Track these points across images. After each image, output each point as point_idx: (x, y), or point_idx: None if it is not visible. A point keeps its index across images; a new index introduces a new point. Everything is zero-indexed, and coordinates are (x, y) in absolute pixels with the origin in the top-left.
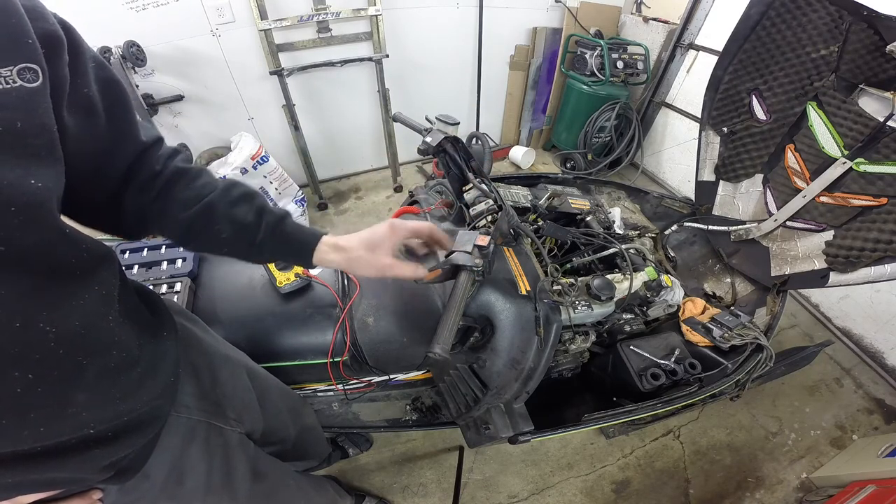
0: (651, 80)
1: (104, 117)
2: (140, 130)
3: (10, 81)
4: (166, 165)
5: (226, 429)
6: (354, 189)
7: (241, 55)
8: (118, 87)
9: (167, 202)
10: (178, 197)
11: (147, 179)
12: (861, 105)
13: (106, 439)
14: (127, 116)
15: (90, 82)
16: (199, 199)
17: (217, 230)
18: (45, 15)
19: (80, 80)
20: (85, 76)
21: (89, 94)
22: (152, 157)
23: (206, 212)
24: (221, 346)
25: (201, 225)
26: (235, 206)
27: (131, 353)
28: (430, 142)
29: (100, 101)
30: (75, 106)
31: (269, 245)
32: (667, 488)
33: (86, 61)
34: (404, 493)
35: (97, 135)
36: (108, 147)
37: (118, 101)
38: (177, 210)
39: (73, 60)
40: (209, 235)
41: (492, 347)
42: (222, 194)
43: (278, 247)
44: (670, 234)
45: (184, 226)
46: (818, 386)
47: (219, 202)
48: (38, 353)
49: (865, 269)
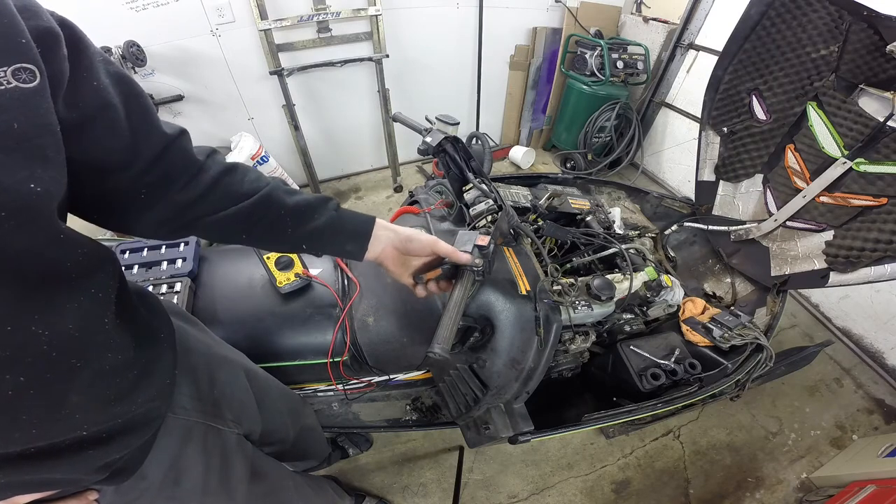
0: (651, 80)
1: (122, 111)
2: (161, 122)
3: (5, 83)
4: (209, 164)
5: (223, 430)
6: (354, 189)
7: (241, 55)
8: (130, 81)
9: (219, 198)
10: (231, 192)
11: (190, 176)
12: (861, 105)
13: (100, 440)
14: (146, 109)
15: (100, 76)
16: (258, 190)
17: (277, 217)
18: (39, 13)
19: (87, 74)
20: (92, 70)
21: (100, 88)
22: (183, 150)
23: (266, 200)
24: (219, 348)
25: (260, 214)
26: (293, 195)
27: (127, 355)
28: (430, 142)
29: (115, 94)
30: (79, 99)
31: (329, 228)
32: (667, 488)
33: (91, 55)
34: (404, 493)
35: (118, 129)
36: (131, 141)
37: (133, 94)
38: (232, 203)
39: (75, 55)
40: (268, 222)
41: (492, 347)
42: (278, 184)
43: (338, 228)
44: (670, 234)
45: (242, 216)
46: (818, 386)
47: (277, 190)
48: (30, 356)
49: (865, 269)
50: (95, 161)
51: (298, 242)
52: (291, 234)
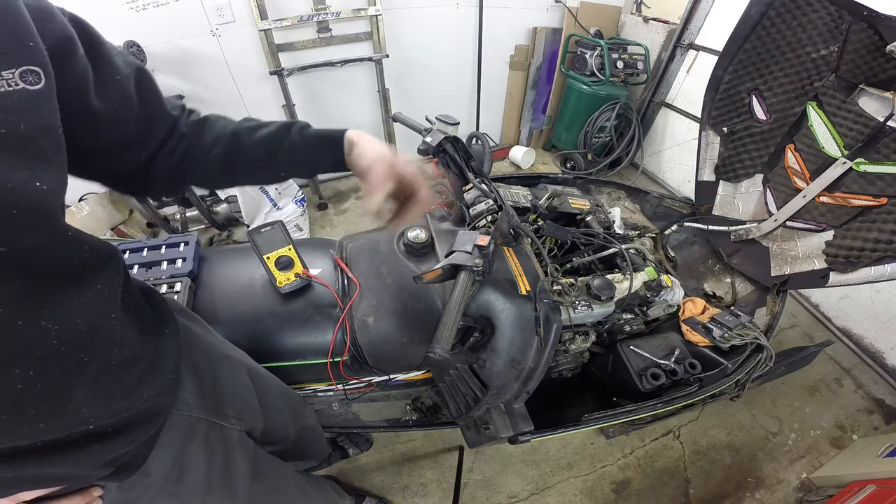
0: (651, 80)
1: (137, 101)
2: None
3: (13, 84)
4: (185, 124)
5: (226, 427)
6: (354, 189)
7: (241, 55)
8: (143, 70)
9: (196, 150)
10: (204, 142)
11: (175, 142)
12: (861, 105)
13: (105, 435)
14: (157, 97)
15: (120, 68)
16: (224, 135)
17: (251, 154)
18: (52, 15)
19: (109, 69)
20: (112, 64)
21: (121, 81)
22: (179, 125)
23: (235, 140)
24: (222, 346)
25: (235, 155)
26: (259, 129)
27: (133, 350)
28: (430, 142)
29: (133, 86)
30: (109, 93)
31: (302, 147)
32: (667, 488)
33: (107, 50)
34: (404, 493)
35: (136, 119)
36: (146, 128)
37: (145, 82)
38: (206, 152)
39: (92, 51)
40: (245, 161)
41: (492, 347)
42: (242, 122)
43: (311, 145)
44: (670, 234)
45: (217, 161)
46: (818, 386)
47: (242, 129)
48: (39, 350)
49: (865, 269)
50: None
51: (277, 171)
52: (266, 167)
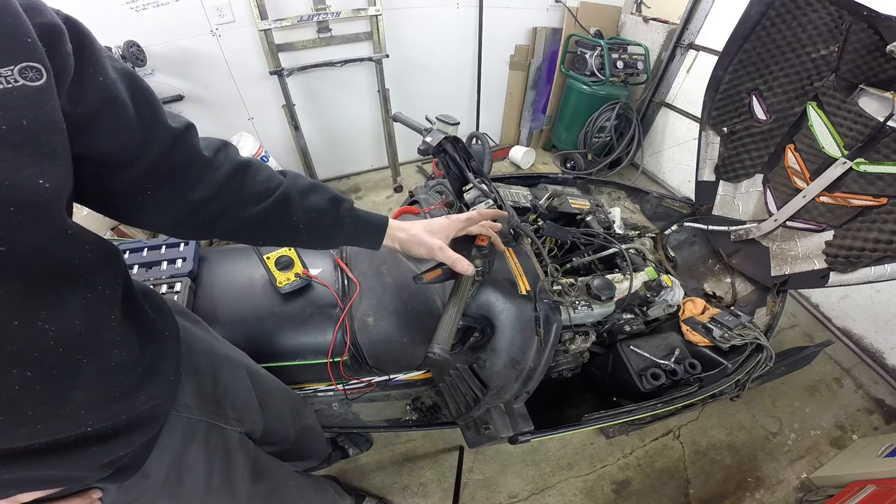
0: (651, 80)
1: (131, 106)
2: (168, 117)
3: (12, 81)
4: (220, 161)
5: (226, 428)
6: (354, 189)
7: (241, 55)
8: (136, 76)
9: (234, 199)
10: (246, 192)
11: (198, 172)
12: (861, 105)
13: (104, 437)
14: (153, 104)
15: (107, 71)
16: (271, 192)
17: (295, 220)
18: (43, 11)
19: (94, 70)
20: (99, 65)
21: (107, 83)
22: (190, 145)
23: (282, 202)
24: (222, 347)
25: (277, 216)
26: (309, 195)
27: (132, 352)
28: (430, 142)
29: (123, 90)
30: (91, 95)
31: (347, 227)
32: (667, 488)
33: (97, 52)
34: (404, 493)
35: (126, 123)
36: (142, 137)
37: (140, 89)
38: (246, 206)
39: (80, 50)
40: (287, 225)
41: (492, 347)
42: (292, 183)
43: (354, 228)
44: (670, 234)
45: (258, 219)
46: (818, 386)
47: (292, 191)
48: (37, 351)
49: (865, 269)
50: (103, 156)
51: (311, 243)
52: (305, 238)
